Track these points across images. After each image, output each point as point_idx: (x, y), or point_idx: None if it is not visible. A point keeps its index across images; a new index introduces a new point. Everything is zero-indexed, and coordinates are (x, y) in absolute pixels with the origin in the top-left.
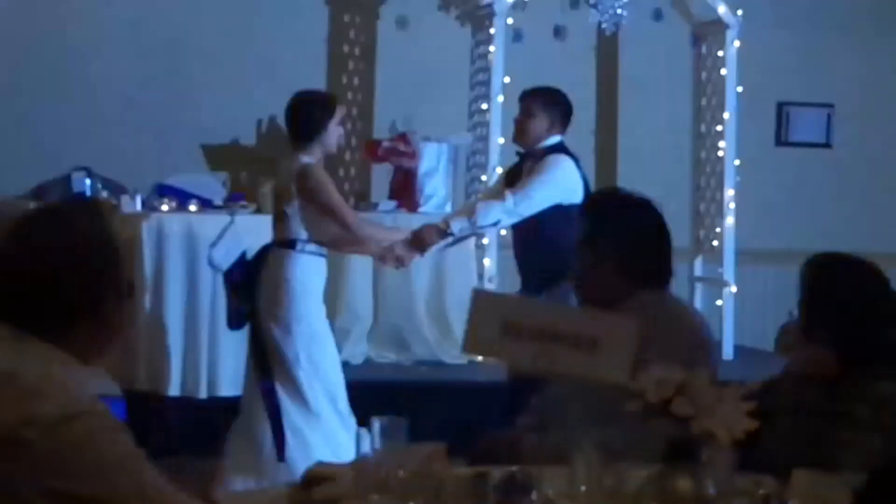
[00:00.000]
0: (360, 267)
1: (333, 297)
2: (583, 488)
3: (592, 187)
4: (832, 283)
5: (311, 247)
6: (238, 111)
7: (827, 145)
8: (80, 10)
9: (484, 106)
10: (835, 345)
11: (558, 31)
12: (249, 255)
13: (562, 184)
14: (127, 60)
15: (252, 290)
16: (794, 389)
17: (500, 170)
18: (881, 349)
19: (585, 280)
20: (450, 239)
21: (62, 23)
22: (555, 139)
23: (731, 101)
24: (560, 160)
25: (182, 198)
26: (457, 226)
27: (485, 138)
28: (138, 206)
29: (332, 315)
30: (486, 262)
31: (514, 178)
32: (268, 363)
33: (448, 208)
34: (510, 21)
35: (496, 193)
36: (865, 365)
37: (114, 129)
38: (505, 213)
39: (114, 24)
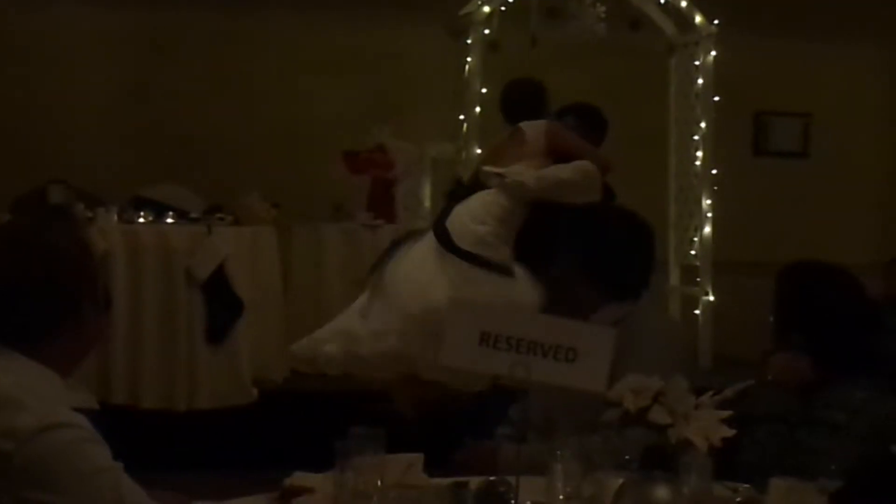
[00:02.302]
0: (335, 276)
1: (310, 306)
2: (561, 497)
3: None
4: (807, 291)
5: None
6: (215, 122)
7: (804, 154)
8: (56, 21)
9: (461, 116)
10: (810, 352)
11: (535, 42)
12: (228, 266)
13: None
14: (103, 71)
15: None
16: (770, 397)
17: None
18: (857, 356)
19: (557, 291)
20: None
21: (38, 34)
22: None
23: (708, 110)
24: None
25: (158, 210)
26: None
27: (463, 149)
28: (114, 219)
29: (310, 325)
30: None
31: None
32: None
33: (427, 219)
34: (487, 32)
35: None
36: (841, 372)
37: (90, 141)
38: None
39: (89, 36)
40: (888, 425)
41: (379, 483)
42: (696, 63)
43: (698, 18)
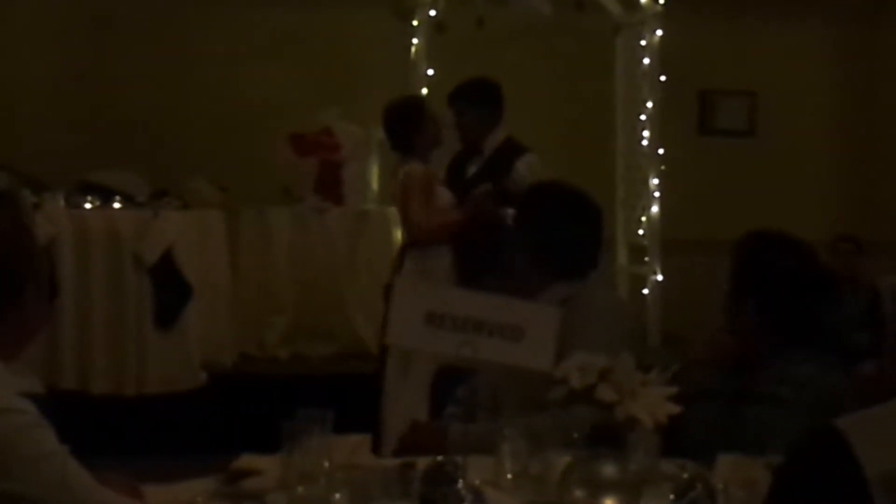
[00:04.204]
0: (283, 259)
1: (258, 289)
2: (509, 476)
3: None
4: (763, 258)
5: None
6: (161, 105)
7: (750, 133)
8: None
9: None
10: (762, 320)
11: (482, 23)
12: (175, 251)
13: None
14: (48, 55)
15: None
16: (715, 374)
17: None
18: (809, 324)
19: (507, 269)
20: None
21: None
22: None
23: (654, 90)
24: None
25: (105, 195)
26: None
27: None
28: (61, 204)
29: (258, 309)
30: None
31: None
32: None
33: (374, 201)
34: (433, 13)
35: None
36: (788, 347)
37: (36, 126)
38: None
39: (33, 19)
40: (833, 400)
41: (326, 464)
42: (642, 42)
43: None
